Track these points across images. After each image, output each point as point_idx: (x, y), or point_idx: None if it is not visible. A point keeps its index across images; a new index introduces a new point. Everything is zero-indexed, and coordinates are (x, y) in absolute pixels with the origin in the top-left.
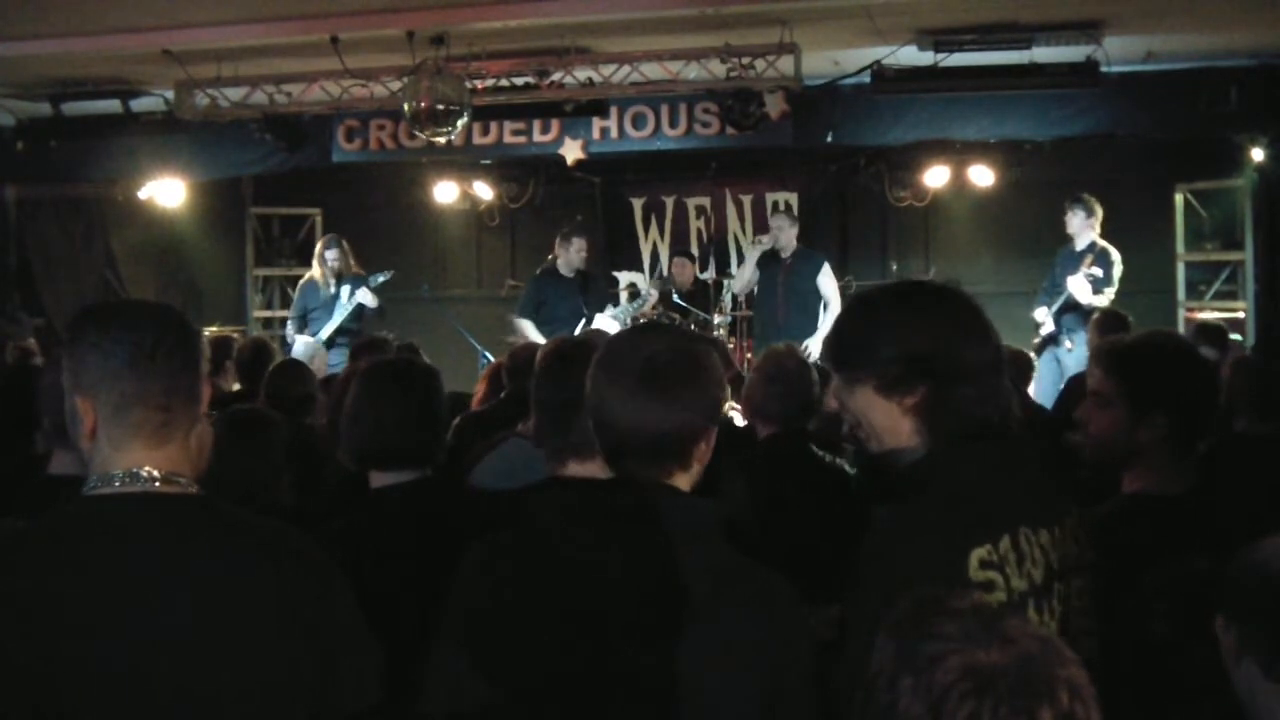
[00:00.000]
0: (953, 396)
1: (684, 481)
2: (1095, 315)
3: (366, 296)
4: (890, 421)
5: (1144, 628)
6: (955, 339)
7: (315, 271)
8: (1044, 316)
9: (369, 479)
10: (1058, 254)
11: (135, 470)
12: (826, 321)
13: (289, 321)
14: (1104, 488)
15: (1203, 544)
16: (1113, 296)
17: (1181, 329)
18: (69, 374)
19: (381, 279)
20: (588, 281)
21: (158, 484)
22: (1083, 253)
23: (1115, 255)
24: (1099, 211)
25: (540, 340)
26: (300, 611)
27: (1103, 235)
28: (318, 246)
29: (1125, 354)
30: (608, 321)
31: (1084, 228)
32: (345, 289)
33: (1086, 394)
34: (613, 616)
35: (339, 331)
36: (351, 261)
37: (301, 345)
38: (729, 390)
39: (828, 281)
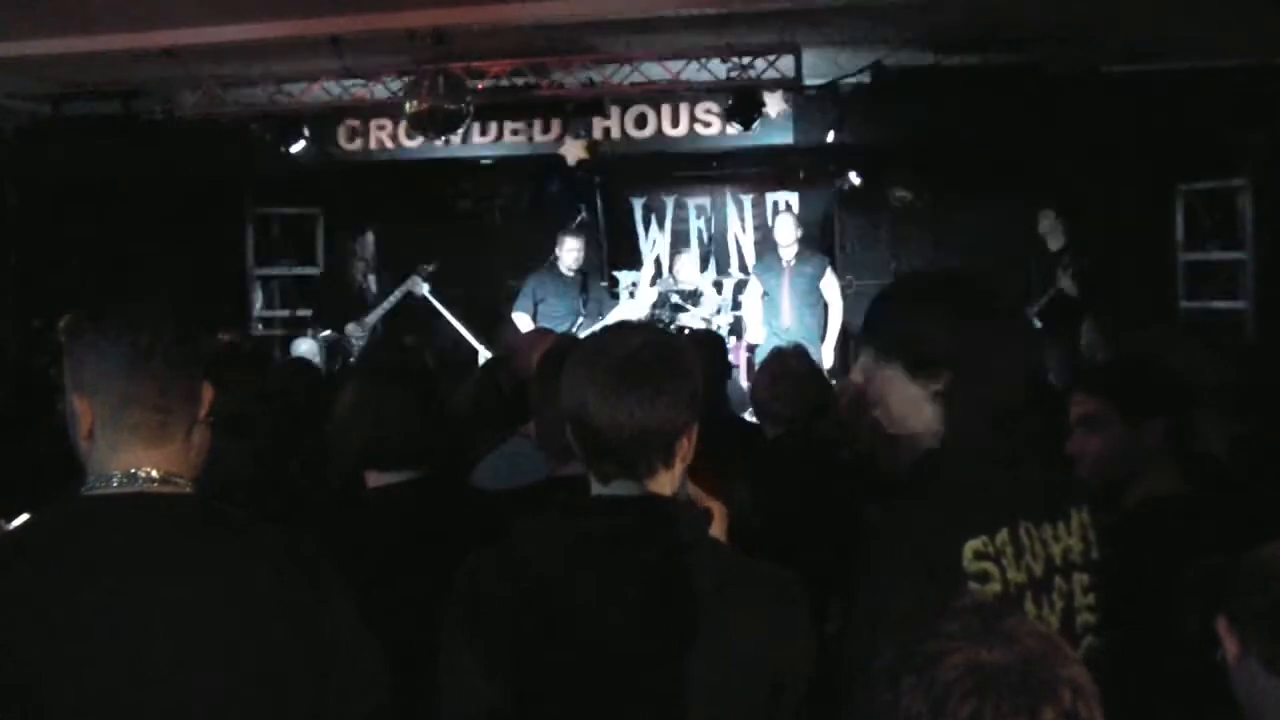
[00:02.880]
0: (975, 386)
1: (667, 480)
2: (1088, 317)
3: (418, 285)
4: (912, 405)
5: (1176, 626)
6: (985, 332)
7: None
8: None
9: (366, 479)
10: (1028, 259)
11: (133, 470)
12: (834, 327)
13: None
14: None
15: (1220, 542)
16: None
17: None
18: (68, 373)
19: (431, 268)
20: (587, 281)
21: (155, 484)
22: (1059, 253)
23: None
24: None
25: None
26: (299, 613)
27: (1103, 235)
28: (364, 245)
29: (1108, 373)
30: (628, 316)
31: (1055, 229)
32: (372, 278)
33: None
34: (620, 634)
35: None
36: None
37: (305, 345)
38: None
39: (830, 284)
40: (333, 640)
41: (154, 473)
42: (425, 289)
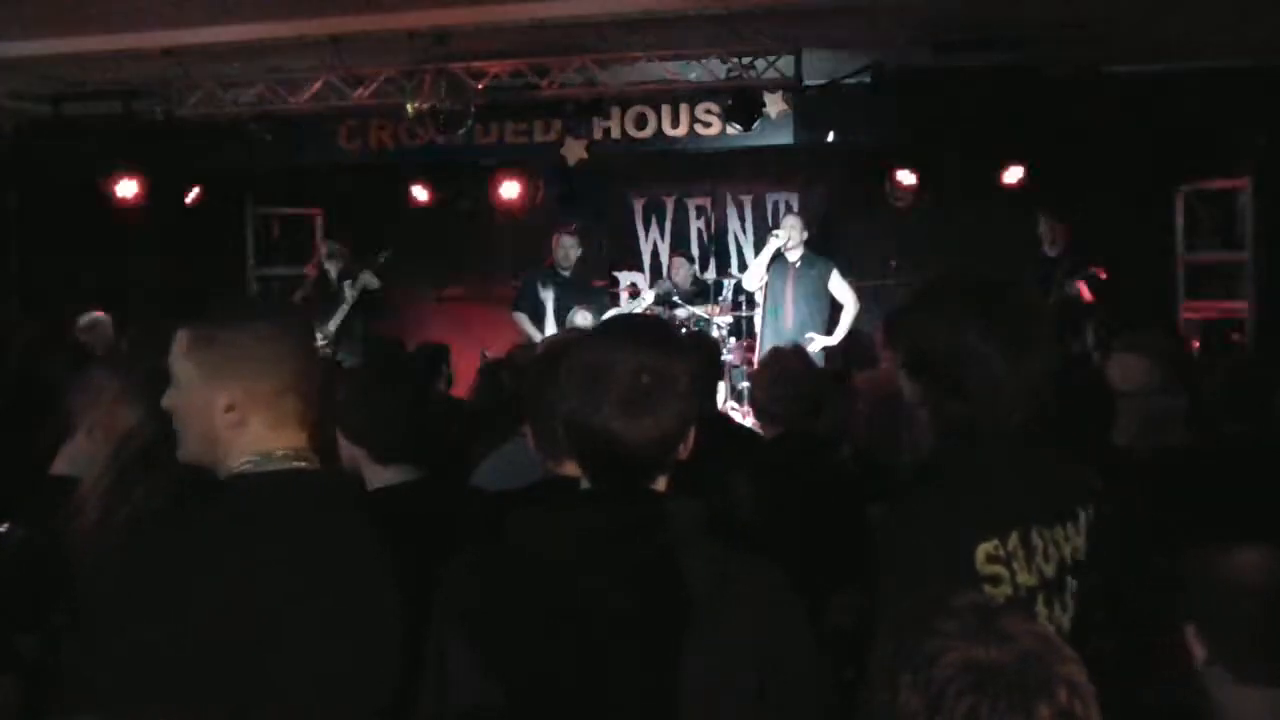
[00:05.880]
0: (947, 394)
1: (663, 482)
2: (1091, 320)
3: (370, 279)
4: (916, 406)
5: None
6: (961, 339)
7: (315, 273)
8: None
9: (367, 481)
10: (1027, 261)
11: (291, 449)
12: (845, 323)
13: None
14: None
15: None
16: None
17: (1181, 330)
18: (210, 367)
19: (382, 258)
20: (585, 281)
21: (305, 462)
22: (1057, 258)
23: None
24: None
25: (536, 335)
26: (389, 584)
27: (1103, 235)
28: (320, 250)
29: None
30: (584, 318)
31: (1055, 230)
32: (348, 283)
33: None
34: (614, 628)
35: (344, 329)
36: (348, 259)
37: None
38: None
39: (840, 284)
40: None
41: (304, 451)
42: (376, 282)
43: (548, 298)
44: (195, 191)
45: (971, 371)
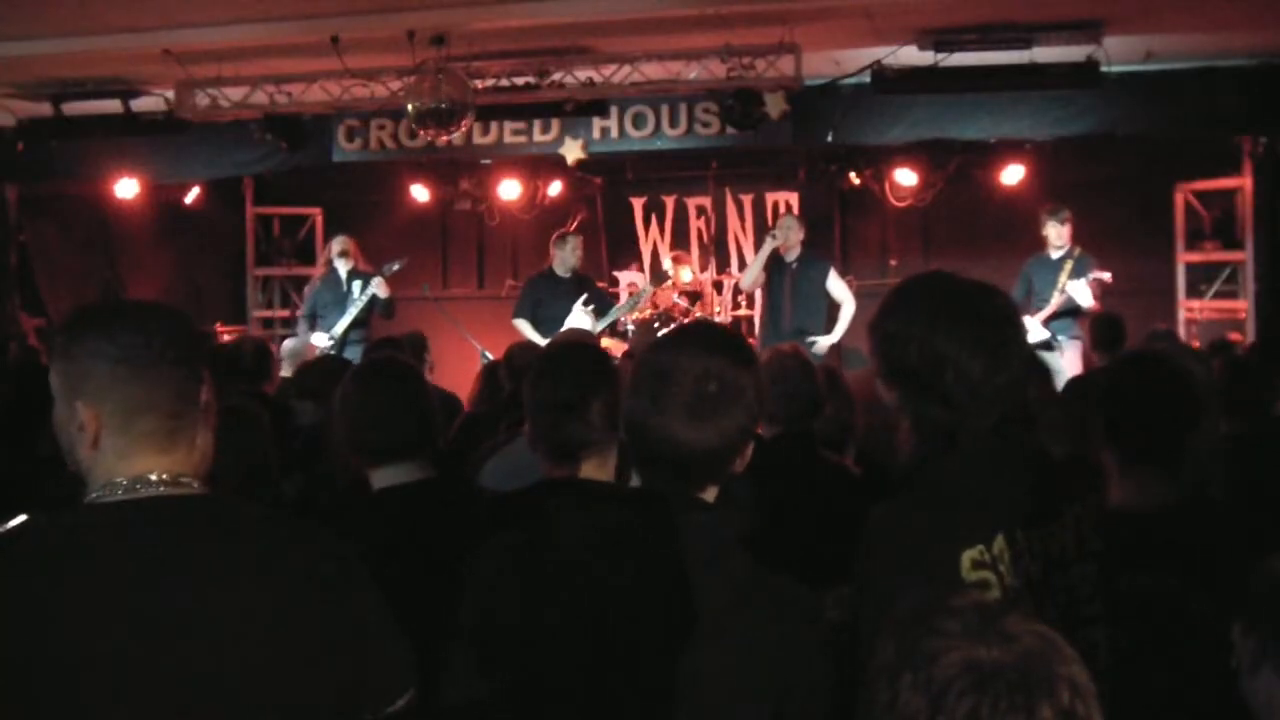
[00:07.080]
0: (926, 401)
1: (713, 492)
2: (1092, 320)
3: (380, 287)
4: (897, 412)
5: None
6: (938, 344)
7: (325, 270)
8: (1028, 324)
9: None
10: (1029, 264)
11: (143, 475)
12: (844, 322)
13: (300, 320)
14: None
15: (1161, 562)
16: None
17: (1181, 330)
18: (65, 380)
19: (396, 267)
20: (584, 283)
21: (163, 488)
22: (1061, 260)
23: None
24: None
25: (538, 340)
26: (317, 608)
27: (1103, 235)
28: (330, 248)
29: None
30: (581, 318)
31: (1065, 236)
32: (357, 284)
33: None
34: (620, 628)
35: (354, 325)
36: (361, 259)
37: (289, 343)
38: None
39: (837, 283)
40: (356, 634)
41: (164, 476)
42: (385, 291)
43: (547, 301)
44: (195, 191)
45: (951, 377)
